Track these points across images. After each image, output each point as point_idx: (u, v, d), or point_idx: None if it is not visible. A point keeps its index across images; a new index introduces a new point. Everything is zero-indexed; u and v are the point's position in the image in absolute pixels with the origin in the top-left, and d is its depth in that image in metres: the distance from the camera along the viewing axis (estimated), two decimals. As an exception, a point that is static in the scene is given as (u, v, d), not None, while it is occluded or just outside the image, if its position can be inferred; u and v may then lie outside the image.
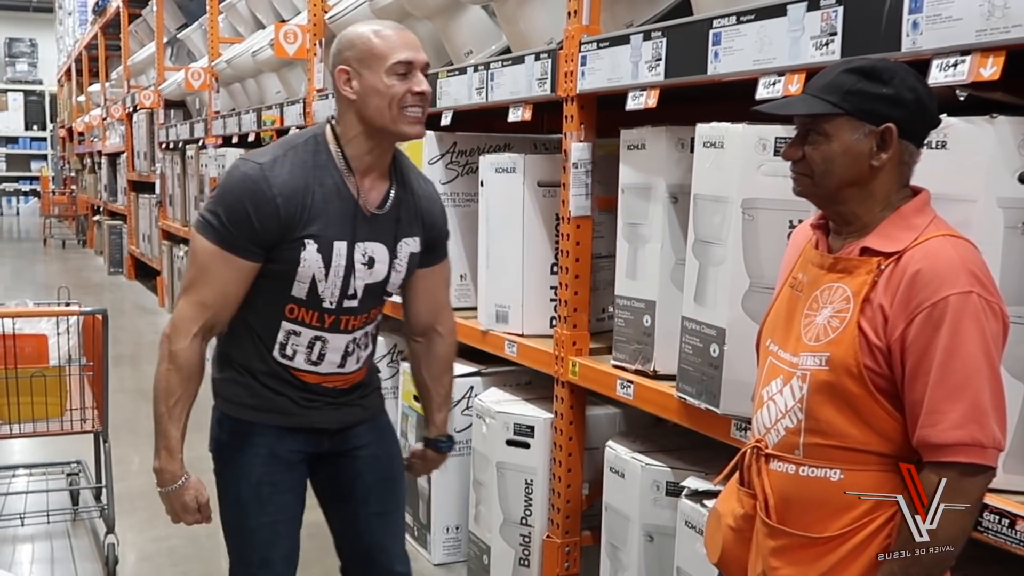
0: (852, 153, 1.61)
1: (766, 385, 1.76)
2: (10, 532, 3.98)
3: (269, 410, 2.19)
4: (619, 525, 2.77)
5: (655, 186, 2.68)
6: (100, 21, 13.51)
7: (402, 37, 2.08)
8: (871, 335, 1.58)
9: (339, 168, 2.09)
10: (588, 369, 2.95)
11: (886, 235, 1.62)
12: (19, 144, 24.02)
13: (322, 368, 2.18)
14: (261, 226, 2.02)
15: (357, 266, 2.11)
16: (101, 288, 11.20)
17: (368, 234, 2.12)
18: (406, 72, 2.05)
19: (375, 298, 2.20)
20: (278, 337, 2.15)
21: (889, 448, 1.60)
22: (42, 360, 3.59)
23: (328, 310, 2.12)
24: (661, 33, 2.58)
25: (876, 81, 1.60)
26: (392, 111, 2.05)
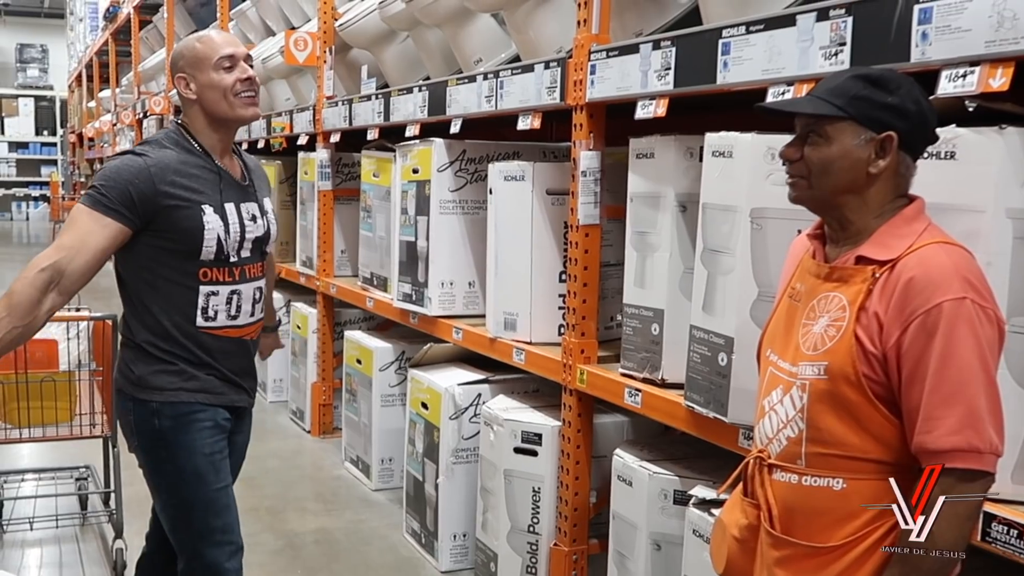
0: (851, 158, 1.63)
1: (767, 395, 1.76)
2: (19, 536, 3.99)
3: (203, 390, 2.43)
4: (626, 533, 2.78)
5: (664, 195, 2.69)
6: (111, 27, 13.55)
7: (222, 37, 2.48)
8: (867, 343, 1.59)
9: (204, 152, 2.44)
10: (596, 377, 2.95)
11: (880, 243, 1.63)
12: (29, 149, 24.09)
13: (240, 320, 2.47)
14: (139, 195, 2.29)
15: (247, 222, 2.45)
16: (110, 293, 11.11)
17: (243, 197, 2.48)
18: (231, 65, 2.42)
19: (260, 251, 2.52)
20: (199, 303, 2.40)
21: (890, 455, 1.60)
22: (52, 365, 3.60)
23: (234, 263, 2.42)
24: (670, 42, 2.59)
25: (882, 89, 1.62)
26: (228, 99, 2.42)
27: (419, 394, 3.85)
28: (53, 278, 2.19)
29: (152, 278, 2.39)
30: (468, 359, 3.90)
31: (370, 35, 4.69)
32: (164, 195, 2.31)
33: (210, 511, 2.46)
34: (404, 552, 3.88)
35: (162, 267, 2.37)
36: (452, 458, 3.63)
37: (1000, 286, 1.77)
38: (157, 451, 2.45)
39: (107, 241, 2.27)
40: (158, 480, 2.49)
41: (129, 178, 2.30)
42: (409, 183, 3.99)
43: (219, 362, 2.45)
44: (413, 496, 3.92)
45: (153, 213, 2.31)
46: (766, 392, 1.77)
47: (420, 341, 4.17)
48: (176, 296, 2.39)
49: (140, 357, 2.42)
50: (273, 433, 5.64)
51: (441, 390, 3.66)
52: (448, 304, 3.87)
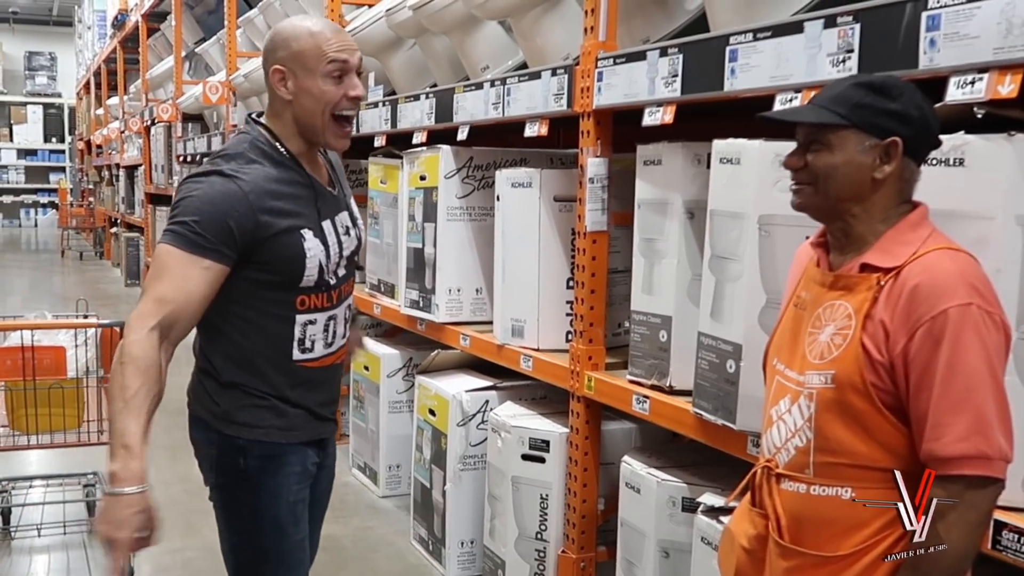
0: (855, 164, 1.63)
1: (774, 404, 1.76)
2: (27, 543, 4.00)
3: (295, 428, 2.17)
4: (635, 541, 2.77)
5: (671, 201, 2.69)
6: (119, 35, 13.61)
7: (336, 35, 2.07)
8: (873, 351, 1.59)
9: (292, 163, 2.12)
10: (604, 384, 2.94)
11: (885, 250, 1.63)
12: (38, 156, 24.17)
13: (335, 345, 2.23)
14: (235, 229, 1.98)
15: (343, 237, 2.19)
16: (118, 300, 11.25)
17: (336, 208, 2.20)
18: (340, 74, 2.05)
19: (353, 263, 2.28)
20: (295, 335, 2.12)
21: (899, 464, 1.59)
22: (60, 372, 3.61)
23: (332, 286, 2.17)
24: (678, 49, 2.59)
25: (885, 96, 1.62)
26: (324, 116, 2.08)
27: (427, 401, 3.85)
28: (163, 334, 1.94)
29: (243, 311, 2.09)
30: (475, 366, 3.90)
31: (377, 42, 4.69)
32: (264, 225, 2.01)
33: (282, 565, 2.19)
34: (412, 559, 3.87)
35: (256, 300, 2.08)
36: (459, 465, 3.63)
37: (1009, 293, 1.77)
38: (238, 492, 2.18)
39: (210, 286, 1.98)
40: (233, 522, 2.22)
41: (226, 209, 1.97)
42: (416, 190, 3.99)
43: (310, 395, 2.18)
44: (421, 503, 3.91)
45: (253, 246, 2.01)
46: (773, 401, 1.76)
47: (427, 348, 4.17)
48: (271, 330, 2.11)
49: (225, 391, 2.17)
50: (280, 440, 5.63)
51: (448, 397, 3.65)
52: (455, 311, 3.87)
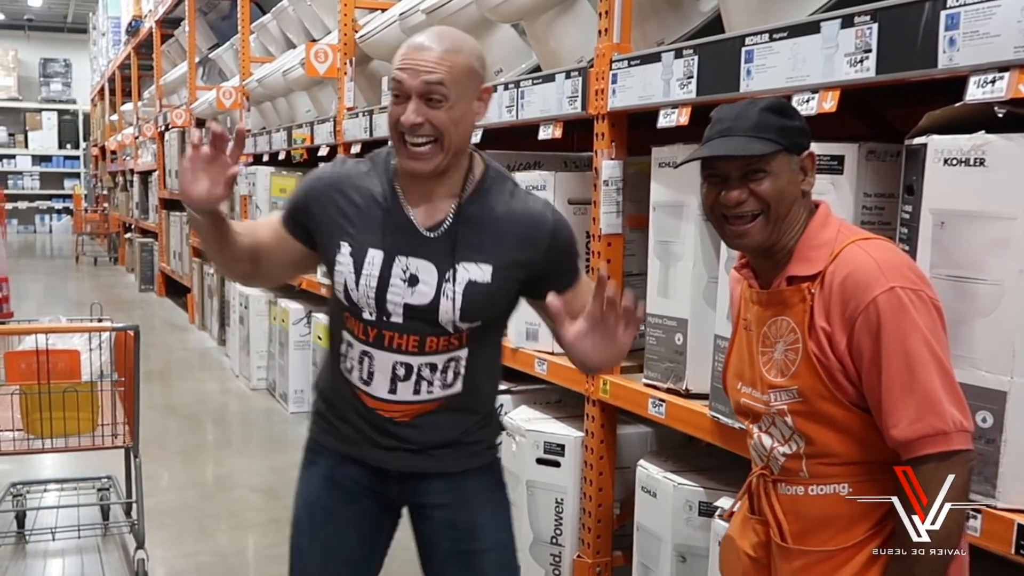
0: (793, 183, 1.69)
1: (755, 422, 1.80)
2: (41, 547, 4.00)
3: (332, 433, 2.08)
4: (651, 545, 2.75)
5: (687, 204, 2.67)
6: (133, 41, 13.67)
7: (410, 54, 1.84)
8: (823, 358, 1.63)
9: (393, 180, 1.96)
10: (619, 388, 2.93)
11: (804, 258, 1.68)
12: (52, 163, 24.31)
13: (373, 389, 1.98)
14: (301, 207, 2.01)
15: (394, 280, 1.91)
16: (132, 305, 11.29)
17: (414, 250, 1.92)
18: (397, 94, 1.86)
19: (426, 323, 1.93)
20: (341, 348, 2.03)
21: (882, 455, 1.63)
22: (74, 375, 3.61)
23: (369, 322, 1.95)
24: (693, 51, 2.57)
25: (790, 117, 1.71)
26: (393, 137, 1.90)
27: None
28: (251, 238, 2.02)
29: (330, 300, 2.09)
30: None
31: (390, 46, 4.69)
32: (319, 214, 1.98)
33: (293, 566, 2.11)
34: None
35: (332, 297, 2.05)
36: (474, 469, 3.61)
37: (1032, 294, 1.75)
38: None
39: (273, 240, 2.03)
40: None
41: (300, 186, 2.05)
42: (430, 193, 3.98)
43: (354, 416, 2.03)
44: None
45: (310, 227, 2.00)
46: (754, 419, 1.80)
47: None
48: (334, 329, 2.07)
49: (316, 380, 2.18)
50: (294, 444, 5.64)
51: (462, 401, 3.64)
52: (469, 314, 3.85)
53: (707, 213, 1.76)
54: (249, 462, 5.30)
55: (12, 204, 23.25)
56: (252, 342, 6.89)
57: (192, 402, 6.67)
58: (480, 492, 2.07)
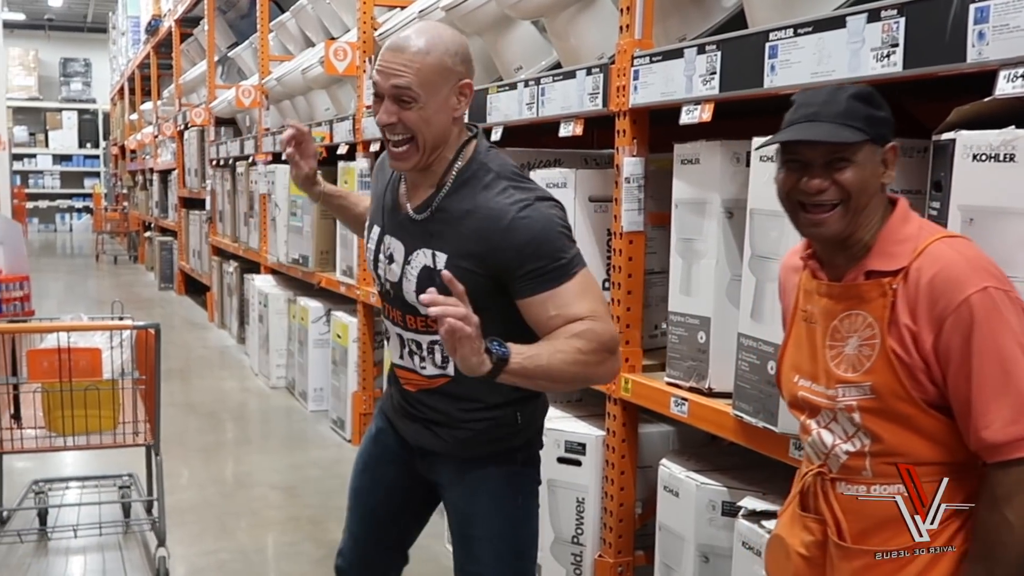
0: (875, 175, 1.65)
1: (812, 417, 1.75)
2: (63, 544, 4.02)
3: (386, 397, 2.35)
4: (673, 545, 2.73)
5: (710, 201, 2.65)
6: (152, 41, 13.73)
7: (387, 56, 1.94)
8: (904, 356, 1.60)
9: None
10: (641, 386, 2.91)
11: (884, 253, 1.65)
12: (73, 162, 24.47)
13: (393, 356, 2.22)
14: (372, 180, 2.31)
15: (381, 255, 2.14)
16: (152, 303, 11.34)
17: (396, 231, 2.10)
18: (377, 96, 1.99)
19: (402, 300, 2.09)
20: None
21: (953, 456, 1.61)
22: (96, 373, 3.61)
23: (384, 296, 2.19)
24: (716, 46, 2.55)
25: (877, 107, 1.67)
26: (383, 136, 2.03)
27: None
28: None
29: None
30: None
31: (410, 44, 4.68)
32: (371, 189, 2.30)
33: (347, 508, 2.42)
34: (446, 562, 3.84)
35: None
36: (494, 468, 3.60)
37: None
38: None
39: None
40: None
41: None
42: (450, 191, 3.97)
43: (394, 384, 2.26)
44: (454, 506, 3.89)
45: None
46: (812, 414, 1.76)
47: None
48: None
49: None
50: (314, 442, 5.65)
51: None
52: (489, 312, 3.84)
53: (782, 199, 1.71)
54: (269, 460, 5.30)
55: (33, 203, 23.41)
56: (271, 340, 6.91)
57: (212, 400, 6.69)
58: (483, 482, 2.15)
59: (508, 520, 2.18)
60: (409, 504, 2.32)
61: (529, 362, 1.79)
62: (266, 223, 7.42)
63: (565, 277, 1.93)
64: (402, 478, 2.29)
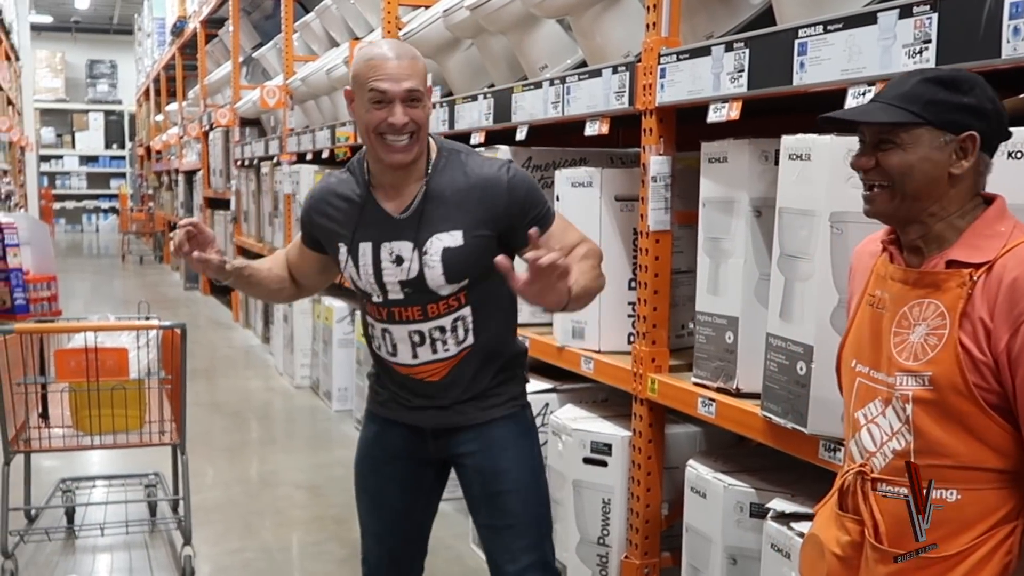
0: (931, 161, 1.58)
1: (861, 408, 1.70)
2: (90, 542, 4.05)
3: (377, 401, 2.45)
4: (701, 547, 2.71)
5: (738, 200, 2.63)
6: (178, 42, 13.81)
7: (385, 65, 2.14)
8: (974, 350, 1.53)
9: (366, 180, 2.30)
10: (668, 387, 2.89)
11: (971, 245, 1.58)
12: (99, 163, 24.67)
13: (400, 359, 2.34)
14: (305, 222, 2.42)
15: (384, 264, 2.26)
16: (177, 303, 11.41)
17: (392, 235, 2.25)
18: (380, 101, 2.14)
19: (421, 292, 2.26)
20: (369, 331, 2.40)
21: (1006, 463, 1.55)
22: (122, 373, 3.63)
23: (379, 304, 2.31)
24: (744, 44, 2.53)
25: (956, 91, 1.58)
26: (370, 138, 2.20)
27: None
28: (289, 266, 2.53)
29: (357, 296, 2.47)
30: (535, 368, 3.85)
31: (434, 43, 4.68)
32: (318, 226, 2.37)
33: (360, 515, 2.52)
34: (471, 563, 3.85)
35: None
36: (519, 468, 3.58)
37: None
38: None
39: (302, 258, 2.48)
40: None
41: (305, 207, 2.42)
42: (475, 191, 3.96)
43: (392, 387, 2.41)
44: (479, 506, 3.88)
45: (316, 238, 2.40)
46: (860, 404, 1.70)
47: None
48: (362, 315, 2.46)
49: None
50: (338, 442, 5.66)
51: (508, 399, 3.61)
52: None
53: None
54: (293, 459, 5.31)
55: (60, 204, 23.64)
56: (296, 340, 6.93)
57: (237, 400, 6.72)
58: (504, 439, 2.37)
59: (532, 471, 2.40)
60: (421, 493, 2.47)
61: (576, 286, 2.06)
62: (291, 223, 7.44)
63: (552, 216, 2.31)
64: (411, 470, 2.43)
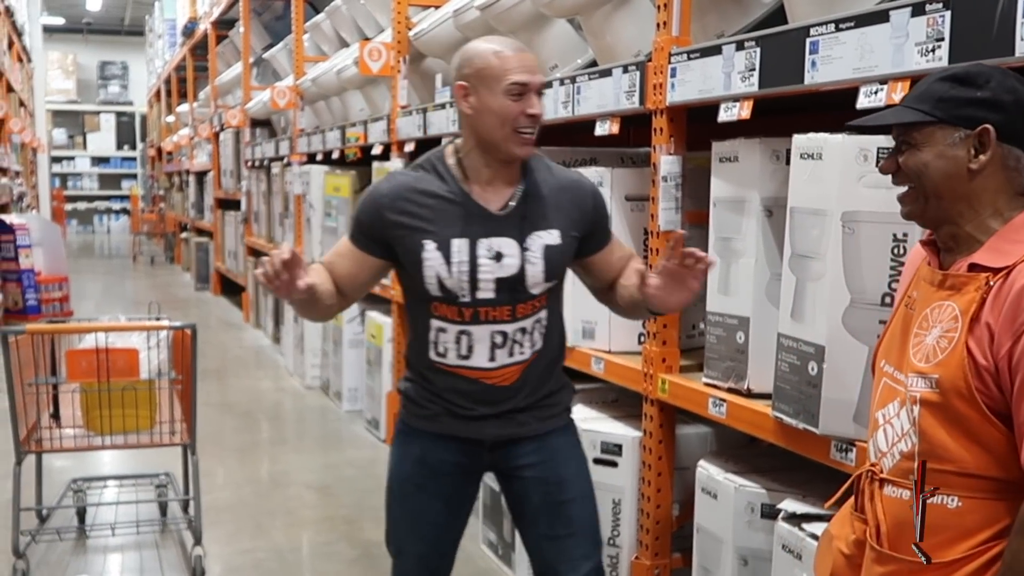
0: (946, 158, 1.57)
1: (882, 407, 1.68)
2: (101, 542, 4.05)
3: (421, 416, 2.37)
4: (712, 548, 2.70)
5: (749, 199, 2.62)
6: (188, 43, 13.84)
7: (520, 59, 2.18)
8: (978, 356, 1.51)
9: (455, 176, 2.26)
10: (678, 387, 2.88)
11: (996, 249, 1.55)
12: (110, 164, 24.74)
13: (473, 362, 2.28)
14: (370, 224, 2.29)
15: (482, 260, 2.22)
16: (188, 304, 11.43)
17: (491, 231, 2.24)
18: (520, 93, 2.17)
19: (514, 291, 2.25)
20: (430, 336, 2.30)
21: (1007, 473, 1.51)
22: (133, 373, 3.64)
23: (465, 303, 2.25)
24: (755, 42, 2.52)
25: (970, 86, 1.57)
26: (504, 130, 2.18)
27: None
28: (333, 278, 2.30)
29: (406, 300, 2.38)
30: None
31: (444, 44, 4.68)
32: (392, 225, 2.25)
33: (390, 528, 2.46)
34: (481, 563, 3.84)
35: (409, 294, 2.34)
36: (529, 468, 3.58)
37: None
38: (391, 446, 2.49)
39: (356, 266, 2.30)
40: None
41: (366, 207, 2.30)
42: (484, 191, 3.96)
43: (448, 397, 2.33)
44: (490, 506, 3.88)
45: (387, 241, 2.27)
46: (881, 404, 1.69)
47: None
48: (417, 324, 2.34)
49: (406, 360, 2.44)
50: (348, 442, 5.66)
51: (518, 400, 3.61)
52: (524, 313, 3.82)
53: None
54: (304, 460, 5.32)
55: (72, 205, 23.72)
56: (306, 340, 6.93)
57: (247, 400, 6.73)
58: (564, 449, 2.41)
59: (589, 479, 2.44)
60: (463, 507, 2.45)
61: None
62: (301, 224, 7.45)
63: (611, 227, 2.44)
64: (456, 485, 2.40)
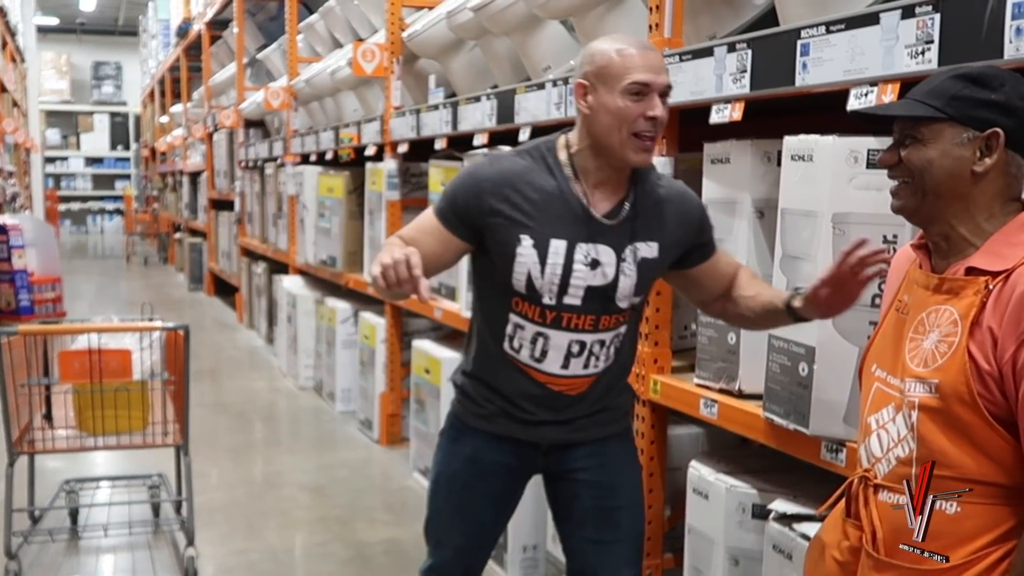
0: (951, 157, 1.56)
1: (874, 413, 1.68)
2: (94, 543, 4.05)
3: (477, 415, 2.31)
4: (703, 548, 2.71)
5: (740, 201, 2.63)
6: (182, 43, 13.83)
7: (644, 57, 2.06)
8: (981, 360, 1.49)
9: (565, 174, 2.16)
10: (670, 388, 2.89)
11: (993, 252, 1.55)
12: (104, 164, 24.71)
13: (545, 366, 2.21)
14: (466, 207, 2.16)
15: (577, 265, 2.13)
16: (182, 304, 11.42)
17: (593, 237, 2.14)
18: (641, 93, 2.05)
19: (602, 303, 2.16)
20: (506, 329, 2.21)
21: (1008, 478, 1.51)
22: (126, 374, 3.64)
23: (548, 306, 2.16)
24: (746, 44, 2.53)
25: (984, 87, 1.56)
26: (621, 133, 2.07)
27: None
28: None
29: (481, 287, 2.28)
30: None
31: (438, 45, 4.69)
32: (489, 211, 2.14)
33: (430, 521, 2.44)
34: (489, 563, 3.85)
35: (487, 282, 2.25)
36: (522, 469, 3.58)
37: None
38: (439, 437, 2.44)
39: (440, 244, 2.18)
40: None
41: (463, 186, 2.19)
42: (478, 192, 3.96)
43: (509, 397, 2.25)
44: (482, 507, 3.88)
45: (479, 226, 2.16)
46: (873, 409, 1.68)
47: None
48: (493, 314, 2.24)
49: (464, 356, 2.39)
50: (342, 443, 5.66)
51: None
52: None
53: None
54: (297, 461, 5.32)
55: (65, 205, 23.69)
56: (300, 341, 6.93)
57: (241, 401, 6.73)
58: (620, 455, 2.36)
59: (640, 490, 2.41)
60: (509, 506, 2.43)
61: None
62: (294, 224, 7.45)
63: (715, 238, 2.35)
64: (506, 484, 2.37)
